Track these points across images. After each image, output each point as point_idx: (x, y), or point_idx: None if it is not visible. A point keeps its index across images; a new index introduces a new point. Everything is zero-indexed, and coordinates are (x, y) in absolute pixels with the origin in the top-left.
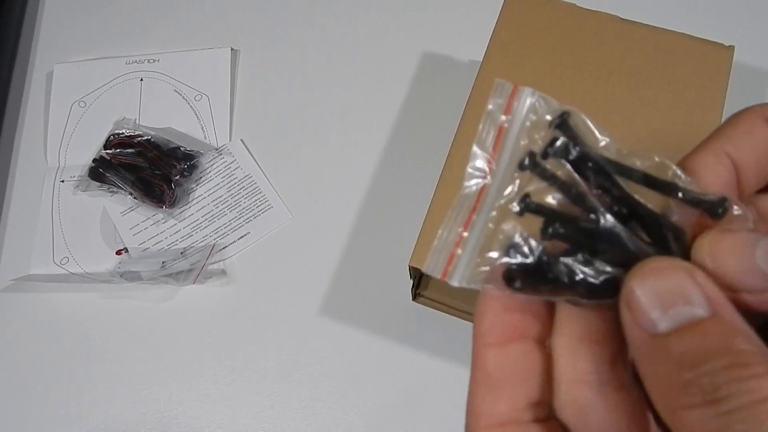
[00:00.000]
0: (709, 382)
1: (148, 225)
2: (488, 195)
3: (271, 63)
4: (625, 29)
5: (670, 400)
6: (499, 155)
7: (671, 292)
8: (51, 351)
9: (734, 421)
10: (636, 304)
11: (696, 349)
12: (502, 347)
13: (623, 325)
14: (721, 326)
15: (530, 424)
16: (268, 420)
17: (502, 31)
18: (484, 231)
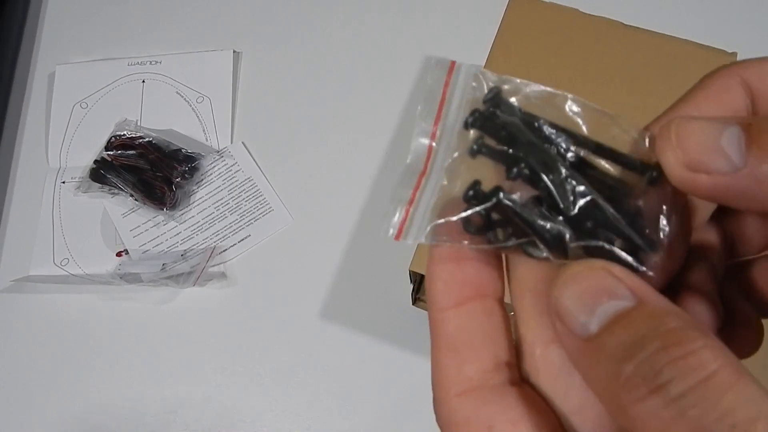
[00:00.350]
0: (649, 368)
1: (148, 227)
2: (436, 159)
3: (273, 66)
4: (627, 35)
5: (617, 399)
6: (442, 125)
7: (594, 291)
8: (51, 352)
9: (686, 406)
10: (564, 312)
11: (628, 340)
12: (461, 307)
13: (557, 336)
14: (648, 310)
15: (504, 387)
16: (267, 423)
17: (504, 35)
18: (437, 189)
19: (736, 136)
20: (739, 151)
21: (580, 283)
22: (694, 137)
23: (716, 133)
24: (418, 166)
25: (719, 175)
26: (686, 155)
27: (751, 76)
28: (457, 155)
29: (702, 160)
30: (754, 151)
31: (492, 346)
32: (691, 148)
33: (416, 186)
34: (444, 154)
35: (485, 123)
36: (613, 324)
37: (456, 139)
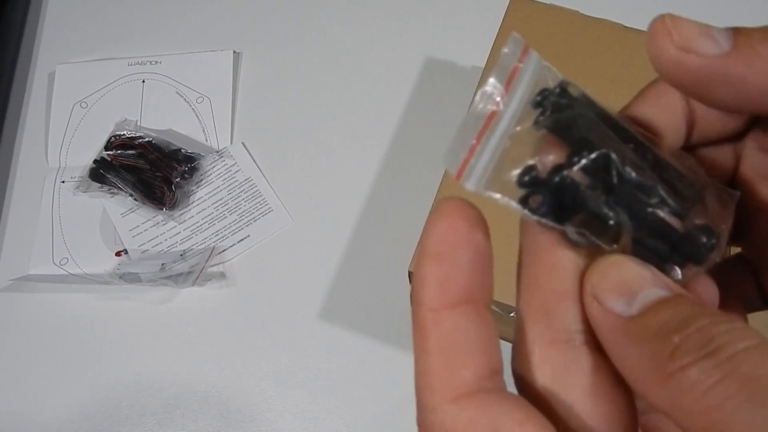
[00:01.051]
0: (702, 336)
1: (148, 227)
2: (500, 121)
3: (273, 66)
4: (628, 37)
5: (662, 369)
6: (512, 91)
7: (635, 279)
8: (49, 351)
9: (737, 364)
10: (604, 294)
11: (676, 317)
12: (455, 309)
13: (591, 319)
14: (690, 300)
15: (503, 391)
16: (266, 423)
17: (504, 37)
18: (499, 149)
19: (725, 30)
20: (728, 39)
21: (622, 270)
22: (687, 23)
23: (707, 25)
24: (480, 121)
25: (708, 57)
26: (679, 36)
27: None
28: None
29: (694, 41)
30: (742, 39)
31: (487, 352)
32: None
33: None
34: (509, 122)
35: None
36: (658, 305)
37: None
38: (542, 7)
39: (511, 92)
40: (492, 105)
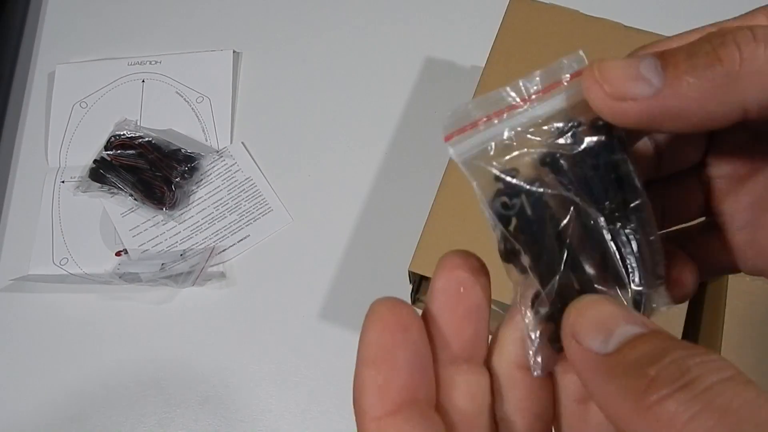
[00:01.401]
0: (676, 368)
1: (148, 226)
2: (516, 117)
3: (273, 66)
4: (628, 36)
5: (640, 402)
6: (545, 98)
7: (611, 317)
8: (49, 351)
9: (714, 396)
10: (582, 333)
11: (651, 351)
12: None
13: (571, 358)
14: (664, 335)
15: None
16: (265, 423)
17: (504, 37)
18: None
19: (653, 63)
20: (658, 74)
21: (598, 309)
22: (615, 70)
23: (634, 63)
24: (501, 105)
25: (644, 99)
26: (611, 87)
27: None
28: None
29: (626, 88)
30: (671, 71)
31: None
32: (614, 80)
33: (489, 117)
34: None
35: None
36: (634, 341)
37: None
38: (542, 7)
39: (544, 98)
40: (519, 99)
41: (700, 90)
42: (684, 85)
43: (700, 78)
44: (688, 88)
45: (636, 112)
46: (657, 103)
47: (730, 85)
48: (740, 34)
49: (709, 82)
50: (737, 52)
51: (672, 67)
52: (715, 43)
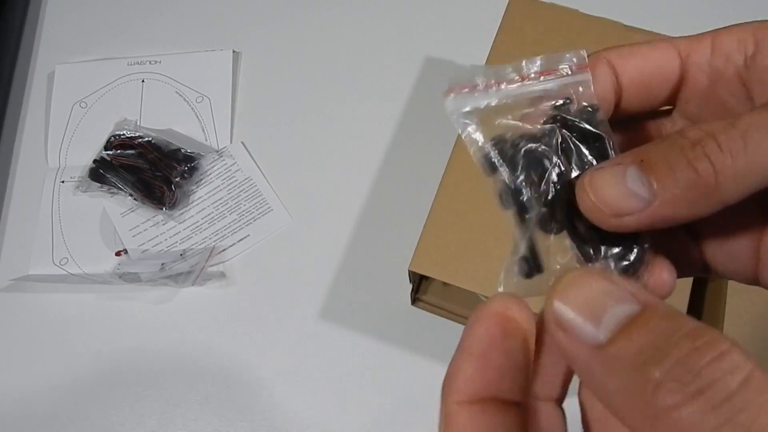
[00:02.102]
0: (685, 370)
1: (147, 226)
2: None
3: (272, 66)
4: (628, 36)
5: (647, 409)
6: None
7: (598, 298)
8: (49, 351)
9: (734, 411)
10: (568, 322)
11: (650, 344)
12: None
13: (560, 349)
14: (660, 313)
15: None
16: (265, 423)
17: (504, 36)
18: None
19: (636, 175)
20: (645, 188)
21: (582, 288)
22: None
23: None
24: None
25: (638, 212)
26: (608, 208)
27: (612, 55)
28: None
29: (621, 207)
30: (656, 185)
31: None
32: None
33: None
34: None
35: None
36: (628, 330)
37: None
38: (542, 6)
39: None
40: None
41: (686, 200)
42: (670, 197)
43: (684, 190)
44: (674, 200)
45: (634, 223)
46: (650, 212)
47: (710, 194)
48: (708, 146)
49: (692, 194)
50: (711, 166)
51: (657, 181)
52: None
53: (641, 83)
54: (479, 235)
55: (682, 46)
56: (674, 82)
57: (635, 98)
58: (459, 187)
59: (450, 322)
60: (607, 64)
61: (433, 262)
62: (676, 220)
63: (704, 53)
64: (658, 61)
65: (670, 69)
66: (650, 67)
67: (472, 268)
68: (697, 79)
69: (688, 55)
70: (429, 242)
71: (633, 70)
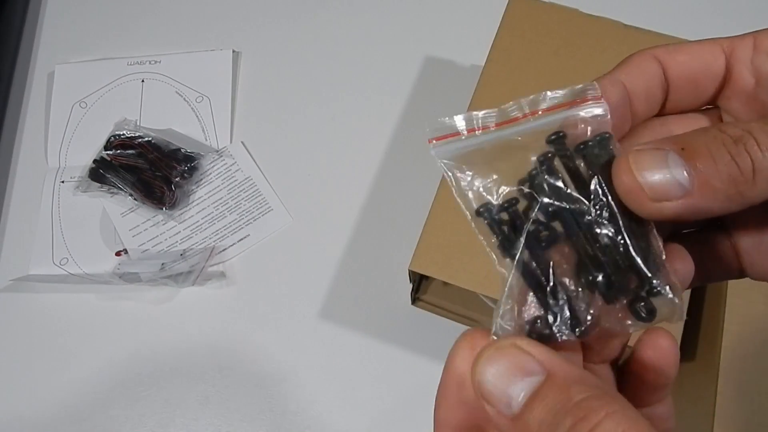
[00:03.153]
0: None
1: (147, 226)
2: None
3: (272, 66)
4: (627, 35)
5: None
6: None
7: (509, 371)
8: (49, 351)
9: None
10: (488, 395)
11: (545, 417)
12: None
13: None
14: (557, 384)
15: None
16: (266, 422)
17: (504, 35)
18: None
19: (678, 162)
20: (686, 176)
21: (495, 363)
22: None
23: (663, 163)
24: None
25: (676, 199)
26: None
27: (660, 52)
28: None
29: (661, 191)
30: (697, 174)
31: None
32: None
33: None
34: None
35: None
36: (531, 401)
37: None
38: (542, 5)
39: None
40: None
41: (724, 194)
42: (711, 191)
43: (724, 184)
44: (714, 192)
45: (671, 210)
46: (688, 202)
47: (747, 191)
48: (749, 144)
49: (731, 188)
50: (751, 164)
51: (699, 171)
52: (733, 152)
53: (689, 79)
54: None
55: (725, 44)
56: (721, 78)
57: (683, 94)
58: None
59: (450, 322)
60: (655, 60)
61: (433, 262)
62: (710, 213)
63: (747, 51)
64: (705, 57)
65: (717, 65)
66: (698, 62)
67: (472, 267)
68: (741, 76)
69: (731, 52)
70: (429, 242)
71: (681, 66)
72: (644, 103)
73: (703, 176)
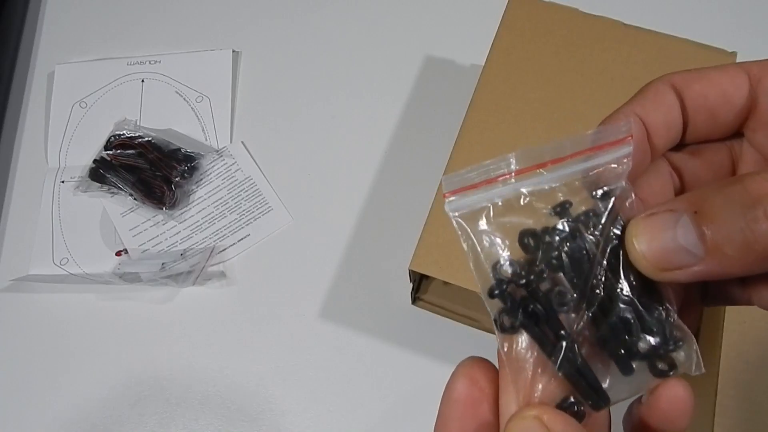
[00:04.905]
0: None
1: (148, 226)
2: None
3: (272, 65)
4: (627, 34)
5: None
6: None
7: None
8: (50, 351)
9: None
10: None
11: None
12: None
13: None
14: None
15: None
16: (266, 422)
17: (504, 35)
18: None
19: (688, 228)
20: (697, 243)
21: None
22: (654, 243)
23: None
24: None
25: (688, 267)
26: (657, 262)
27: (677, 80)
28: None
29: (668, 261)
30: (710, 241)
31: None
32: (655, 256)
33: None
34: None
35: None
36: None
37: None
38: (541, 5)
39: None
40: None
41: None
42: (722, 258)
43: (738, 252)
44: (727, 261)
45: (685, 277)
46: (701, 270)
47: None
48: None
49: (747, 256)
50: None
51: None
52: (749, 217)
53: (706, 109)
54: None
55: (754, 70)
56: (740, 108)
57: (700, 125)
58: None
59: (450, 322)
60: (671, 90)
61: (433, 262)
62: (728, 276)
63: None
64: (724, 85)
65: (738, 95)
66: (716, 91)
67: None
68: (766, 107)
69: (759, 80)
70: (429, 242)
71: (698, 96)
72: (664, 136)
73: (714, 243)
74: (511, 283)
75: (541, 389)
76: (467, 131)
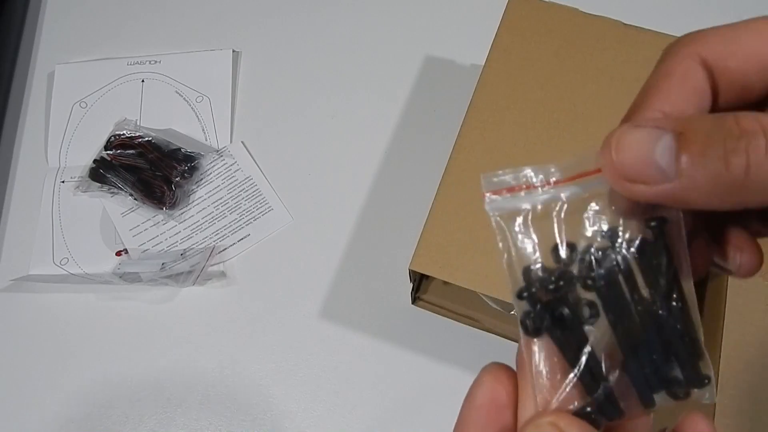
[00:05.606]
0: None
1: (148, 226)
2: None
3: (272, 65)
4: (627, 34)
5: None
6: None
7: None
8: (50, 351)
9: None
10: None
11: None
12: None
13: None
14: None
15: None
16: (266, 422)
17: (504, 35)
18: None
19: (669, 146)
20: (671, 162)
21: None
22: (631, 152)
23: (651, 145)
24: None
25: (655, 184)
26: (623, 169)
27: (709, 55)
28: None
29: (638, 173)
30: (684, 162)
31: None
32: (627, 163)
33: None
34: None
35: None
36: None
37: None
38: (541, 5)
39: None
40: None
41: (707, 191)
42: (691, 183)
43: (707, 180)
44: (695, 187)
45: (647, 195)
46: (666, 190)
47: (734, 192)
48: (754, 142)
49: (715, 186)
50: (745, 164)
51: (686, 161)
52: (728, 147)
53: (741, 85)
54: (479, 235)
55: None
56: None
57: (732, 100)
58: (459, 187)
59: (450, 321)
60: (702, 66)
61: (434, 262)
62: (694, 206)
63: None
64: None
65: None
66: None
67: (472, 267)
68: None
69: None
70: (429, 241)
71: (734, 73)
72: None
73: (688, 165)
74: (541, 288)
75: (560, 395)
76: (467, 131)
